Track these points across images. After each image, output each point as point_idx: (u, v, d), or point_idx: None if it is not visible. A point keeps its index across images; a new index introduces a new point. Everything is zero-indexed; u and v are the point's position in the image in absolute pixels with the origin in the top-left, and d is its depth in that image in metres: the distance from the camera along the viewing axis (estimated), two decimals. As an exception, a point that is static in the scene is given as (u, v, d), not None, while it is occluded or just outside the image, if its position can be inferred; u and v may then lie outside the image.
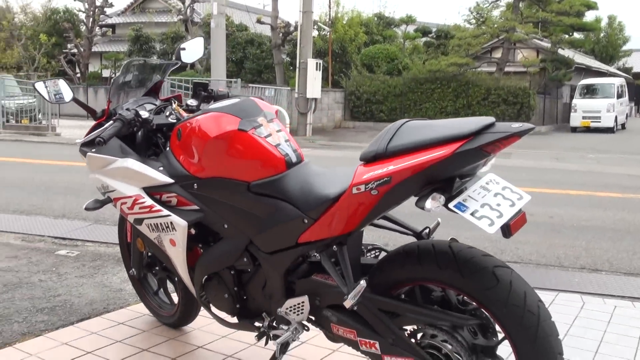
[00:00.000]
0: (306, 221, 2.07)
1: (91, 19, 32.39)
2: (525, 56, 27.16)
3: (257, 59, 26.69)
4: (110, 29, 39.12)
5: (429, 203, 1.78)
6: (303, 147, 15.13)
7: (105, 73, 33.09)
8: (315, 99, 19.39)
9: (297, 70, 19.34)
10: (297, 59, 19.16)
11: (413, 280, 2.00)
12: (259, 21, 25.86)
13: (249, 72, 26.42)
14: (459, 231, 5.33)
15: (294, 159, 2.24)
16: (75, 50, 32.80)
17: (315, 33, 24.40)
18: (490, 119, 1.75)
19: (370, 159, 1.91)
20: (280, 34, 24.67)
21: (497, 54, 26.46)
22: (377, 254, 2.31)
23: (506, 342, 1.88)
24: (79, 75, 32.91)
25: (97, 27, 35.32)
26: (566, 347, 2.89)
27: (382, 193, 1.85)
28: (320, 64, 19.44)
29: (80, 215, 5.99)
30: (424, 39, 32.45)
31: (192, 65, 27.53)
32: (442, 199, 1.79)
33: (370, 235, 5.02)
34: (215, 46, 16.34)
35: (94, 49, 34.32)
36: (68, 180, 8.43)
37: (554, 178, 9.49)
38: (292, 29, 24.75)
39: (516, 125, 1.71)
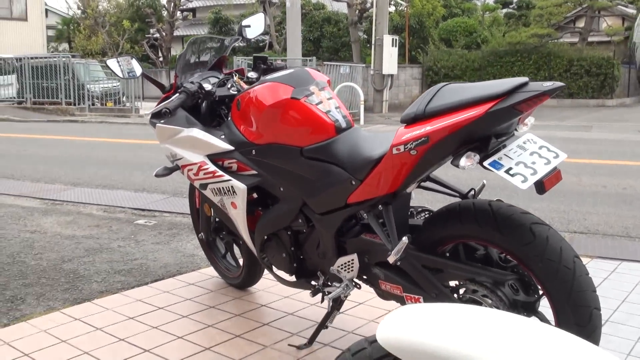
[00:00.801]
0: (354, 182, 2.19)
1: (172, 4, 33.18)
2: (609, 24, 26.03)
3: (334, 37, 26.75)
4: (191, 13, 40.03)
5: (463, 161, 1.86)
6: (378, 124, 15.18)
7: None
8: (392, 76, 19.32)
9: (373, 47, 19.31)
10: (373, 35, 19.13)
11: (455, 238, 2.09)
12: (335, -1, 25.92)
13: (326, 51, 26.54)
14: (526, 203, 5.32)
15: (343, 125, 2.36)
16: (157, 35, 33.74)
17: (392, 9, 24.25)
18: (523, 79, 1.81)
19: (409, 121, 2.00)
20: (357, 11, 24.60)
21: (581, 23, 25.46)
22: (425, 215, 2.41)
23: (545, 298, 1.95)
24: (161, 59, 33.84)
25: (178, 12, 36.20)
26: (621, 313, 2.90)
27: (421, 153, 1.95)
28: (396, 40, 19.32)
29: (159, 189, 6.33)
30: (504, 10, 31.55)
31: (271, 45, 27.95)
32: (477, 157, 1.87)
33: (423, 198, 5.10)
34: (291, 25, 16.48)
35: (176, 33, 35.16)
36: (149, 157, 8.85)
37: (635, 151, 9.18)
38: (368, 5, 24.63)
39: (548, 84, 1.76)
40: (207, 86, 2.71)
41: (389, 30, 20.05)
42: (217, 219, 3.23)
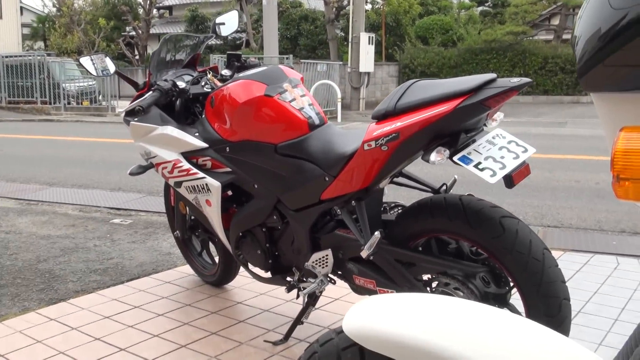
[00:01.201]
0: (327, 179, 2.21)
1: (148, 1, 32.93)
2: (584, 23, 26.29)
3: (311, 35, 26.74)
4: (167, 11, 39.81)
5: (433, 156, 1.89)
6: (355, 121, 15.21)
7: (163, 54, 33.79)
8: (368, 73, 19.36)
9: (349, 44, 19.35)
10: (350, 33, 19.15)
11: (427, 232, 2.11)
12: (312, -4, 25.93)
13: (304, 49, 26.52)
14: (500, 198, 5.38)
15: (316, 122, 2.37)
16: (133, 33, 33.50)
17: (368, 7, 24.33)
18: (491, 76, 1.84)
19: (380, 117, 2.02)
20: (334, 9, 24.62)
21: (555, 21, 25.77)
22: (398, 210, 2.43)
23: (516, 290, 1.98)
24: (137, 57, 33.60)
25: (155, 10, 35.95)
26: (593, 304, 2.95)
27: (392, 148, 1.97)
28: (373, 37, 19.37)
29: (135, 188, 6.29)
30: (480, 8, 31.79)
31: (248, 43, 27.84)
32: (447, 152, 1.89)
33: (399, 195, 5.13)
34: (268, 23, 16.46)
35: (152, 31, 34.91)
36: (125, 156, 8.79)
37: (608, 146, 9.29)
38: (345, 3, 24.67)
39: (515, 80, 1.79)
40: (181, 84, 2.72)
41: (366, 28, 20.10)
42: (192, 217, 3.23)
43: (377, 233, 2.07)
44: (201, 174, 2.57)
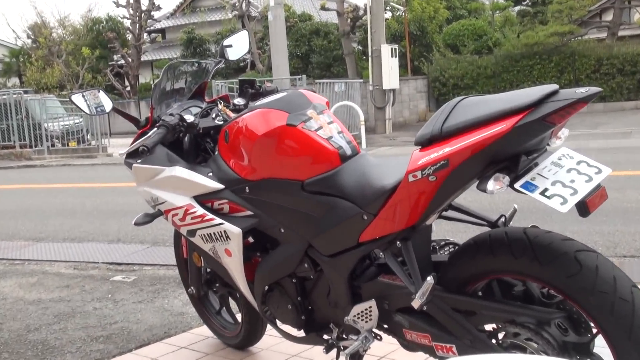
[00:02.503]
0: (365, 217, 2.21)
1: (138, 25, 33.53)
2: (642, 16, 26.35)
3: (325, 51, 27.01)
4: (160, 34, 40.46)
5: (491, 184, 1.87)
6: (382, 146, 15.24)
7: (157, 84, 34.33)
8: (394, 90, 19.50)
9: (369, 59, 19.51)
10: (369, 46, 19.34)
11: (488, 274, 2.08)
12: (323, 8, 26.19)
13: (317, 67, 26.77)
14: (562, 226, 5.33)
15: (348, 152, 2.38)
16: (122, 62, 34.02)
17: (388, 15, 24.54)
18: (552, 87, 1.83)
19: (425, 142, 2.02)
20: (349, 20, 24.87)
21: (608, 17, 25.77)
22: (450, 249, 2.41)
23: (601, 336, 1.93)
24: (128, 88, 34.10)
25: (145, 34, 36.58)
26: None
27: (441, 178, 1.96)
28: (396, 49, 19.54)
29: (136, 238, 6.33)
30: (516, 8, 31.99)
31: (253, 64, 28.22)
32: (506, 179, 1.88)
33: (442, 229, 5.08)
34: (276, 40, 16.65)
35: (144, 57, 35.49)
36: (123, 202, 8.87)
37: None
38: (361, 12, 24.91)
39: (582, 90, 1.78)
40: (189, 117, 2.75)
41: (387, 39, 20.30)
42: (208, 270, 3.24)
43: (429, 278, 2.05)
44: (218, 220, 2.58)
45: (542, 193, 1.85)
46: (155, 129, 2.70)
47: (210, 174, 2.64)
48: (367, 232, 2.21)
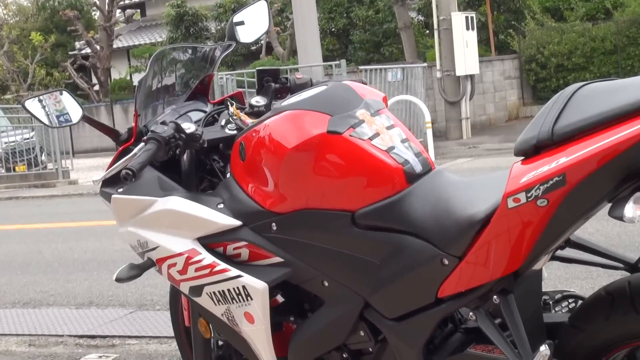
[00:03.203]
0: (446, 262, 2.19)
1: (107, 0, 33.80)
2: None
3: (371, 25, 26.99)
4: (138, 10, 40.87)
5: (630, 209, 1.84)
6: (459, 157, 15.20)
7: (137, 79, 34.37)
8: (472, 77, 19.38)
9: (435, 33, 19.47)
10: (434, 15, 19.29)
11: (628, 340, 2.05)
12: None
13: (360, 48, 26.76)
14: None
15: (417, 168, 2.38)
16: (87, 51, 34.35)
17: (459, -31, 24.52)
18: None
19: (530, 151, 2.00)
20: (403, -20, 24.92)
21: None
22: (570, 305, 2.38)
23: None
24: (97, 87, 34.40)
25: (118, 10, 36.96)
26: None
27: (555, 202, 1.94)
28: (472, 18, 19.45)
29: (116, 299, 6.35)
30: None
31: (269, 48, 28.35)
32: (654, 201, 1.85)
33: (558, 275, 5.03)
34: (301, 12, 16.54)
35: (117, 44, 35.77)
36: (94, 248, 8.92)
37: None
38: (420, -32, 24.98)
39: None
40: (189, 126, 2.75)
41: (459, 5, 20.23)
42: (220, 343, 3.22)
43: (543, 348, 2.03)
44: (234, 271, 2.58)
45: None
46: (142, 144, 2.71)
47: (221, 205, 2.65)
48: (449, 284, 2.20)
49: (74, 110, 2.99)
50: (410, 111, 16.99)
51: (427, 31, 24.76)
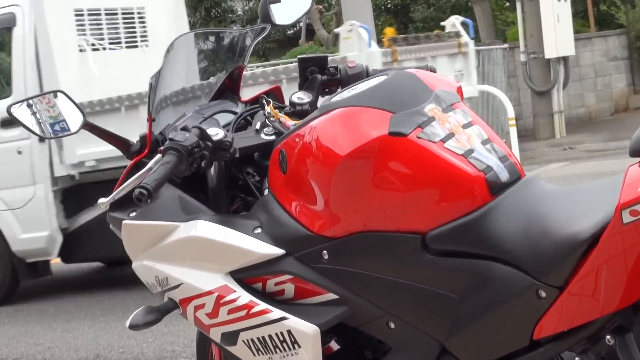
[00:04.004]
0: (543, 294, 2.18)
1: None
2: None
3: (435, -1, 27.06)
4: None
5: None
6: (551, 161, 15.11)
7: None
8: (565, 60, 19.26)
9: (517, 5, 19.38)
10: (515, -18, 19.22)
11: None
12: None
13: (424, 27, 26.71)
14: None
15: (503, 176, 2.36)
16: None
17: None
18: None
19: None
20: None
21: None
22: None
23: None
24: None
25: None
26: None
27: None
28: (564, -15, 19.37)
29: (128, 352, 6.38)
30: None
31: (310, 32, 28.36)
32: None
33: None
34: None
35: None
36: (100, 288, 8.96)
37: None
38: None
39: None
40: (216, 132, 2.73)
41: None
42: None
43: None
44: (277, 312, 2.57)
45: None
46: (159, 156, 2.70)
47: (258, 230, 2.64)
48: (547, 322, 2.19)
49: (73, 116, 2.98)
50: (488, 105, 16.88)
51: (507, 3, 24.68)
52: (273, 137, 2.81)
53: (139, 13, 9.93)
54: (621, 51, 22.77)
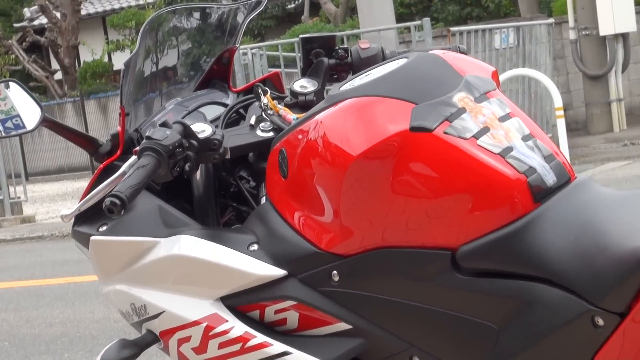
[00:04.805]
0: (601, 322, 2.17)
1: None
2: None
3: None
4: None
5: None
6: (609, 160, 15.12)
7: (119, 61, 33.85)
8: (624, 37, 19.25)
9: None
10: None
11: None
12: None
13: (449, 2, 26.75)
14: None
15: (549, 179, 2.35)
16: (43, 20, 34.55)
17: None
18: None
19: None
20: None
21: None
22: None
23: None
24: (59, 75, 34.56)
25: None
26: None
27: None
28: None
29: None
30: None
31: (316, 6, 28.40)
32: None
33: None
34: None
35: (86, 8, 35.98)
36: (63, 318, 8.97)
37: None
38: None
39: None
40: (202, 128, 2.73)
41: None
42: None
43: None
44: (278, 345, 2.58)
45: None
46: (134, 158, 2.70)
47: (254, 246, 2.65)
48: (606, 355, 2.20)
49: (29, 111, 2.98)
50: (531, 93, 16.90)
51: (553, -31, 24.68)
52: (271, 134, 2.81)
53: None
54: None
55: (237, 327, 2.62)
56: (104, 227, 2.82)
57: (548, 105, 15.79)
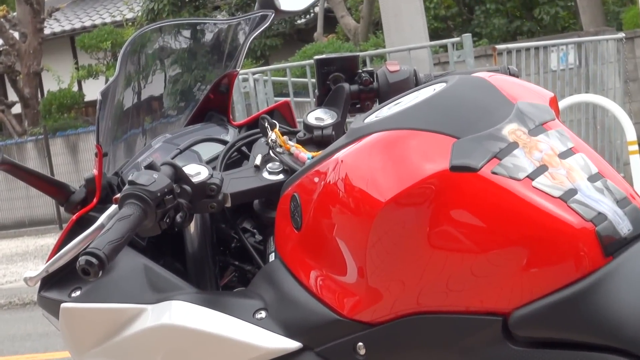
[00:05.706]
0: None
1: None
2: None
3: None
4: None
5: None
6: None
7: (92, 90, 34.18)
8: None
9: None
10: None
11: None
12: None
13: (497, 12, 26.79)
14: None
15: (623, 228, 2.35)
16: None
17: None
18: None
19: None
20: None
21: None
22: None
23: None
24: (17, 108, 34.59)
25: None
26: None
27: None
28: None
29: None
30: None
31: (331, 22, 28.45)
32: None
33: None
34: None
35: (51, 27, 36.07)
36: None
37: None
38: None
39: None
40: (197, 170, 2.74)
41: None
42: None
43: None
44: None
45: None
46: (114, 207, 2.71)
47: (262, 313, 2.66)
48: None
49: None
50: (596, 123, 16.90)
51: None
52: (281, 176, 2.82)
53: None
54: None
55: None
56: (78, 292, 2.82)
57: (618, 138, 15.76)
